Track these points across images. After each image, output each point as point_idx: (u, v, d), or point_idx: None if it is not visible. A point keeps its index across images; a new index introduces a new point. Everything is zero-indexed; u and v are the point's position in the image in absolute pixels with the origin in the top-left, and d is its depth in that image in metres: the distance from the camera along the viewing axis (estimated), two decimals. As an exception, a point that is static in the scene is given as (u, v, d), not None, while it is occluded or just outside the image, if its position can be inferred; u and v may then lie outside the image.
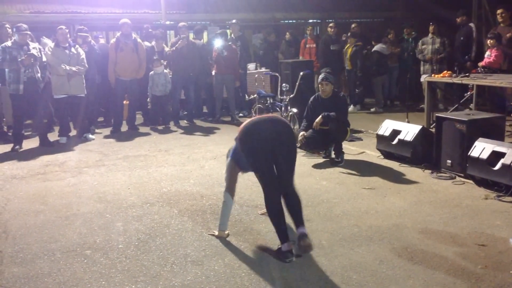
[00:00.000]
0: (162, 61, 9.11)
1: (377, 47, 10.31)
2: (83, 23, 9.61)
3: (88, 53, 8.14)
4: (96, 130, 8.75)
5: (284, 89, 7.68)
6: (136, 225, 4.38)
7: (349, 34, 10.71)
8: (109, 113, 9.66)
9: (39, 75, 7.42)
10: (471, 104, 7.63)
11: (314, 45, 11.22)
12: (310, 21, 13.19)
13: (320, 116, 6.15)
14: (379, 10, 13.52)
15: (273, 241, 3.95)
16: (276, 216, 3.67)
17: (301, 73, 7.90)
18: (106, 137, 8.47)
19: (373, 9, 13.41)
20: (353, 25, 10.98)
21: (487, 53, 8.27)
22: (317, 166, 6.26)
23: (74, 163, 6.68)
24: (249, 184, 5.51)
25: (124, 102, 9.01)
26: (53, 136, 8.15)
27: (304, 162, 6.44)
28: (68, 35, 7.90)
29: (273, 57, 11.46)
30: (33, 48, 7.42)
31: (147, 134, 8.65)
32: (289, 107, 7.51)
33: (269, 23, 12.99)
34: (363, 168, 6.11)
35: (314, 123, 6.17)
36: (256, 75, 9.89)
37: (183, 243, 3.98)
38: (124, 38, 8.61)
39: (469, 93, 8.03)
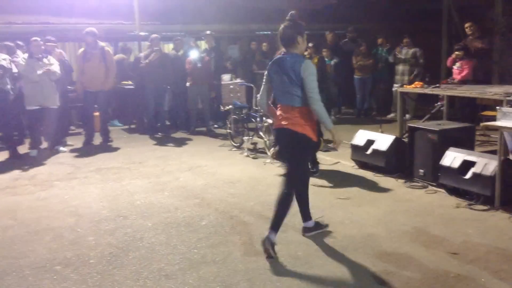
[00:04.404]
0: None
1: (336, 59, 10.57)
2: (55, 34, 9.45)
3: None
4: (68, 142, 8.59)
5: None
6: (109, 239, 4.30)
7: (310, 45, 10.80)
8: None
9: (8, 86, 7.28)
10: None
11: (289, 56, 11.27)
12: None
13: None
14: (352, 22, 13.70)
15: (248, 253, 3.92)
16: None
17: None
18: (78, 149, 8.32)
19: (346, 21, 13.59)
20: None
21: (457, 64, 8.47)
22: (292, 176, 6.26)
23: (45, 176, 6.53)
24: (224, 195, 5.49)
25: (95, 113, 8.87)
26: (23, 149, 7.96)
27: (279, 172, 6.44)
28: (43, 47, 7.79)
29: (249, 68, 11.53)
30: (3, 59, 7.28)
31: (120, 146, 8.52)
32: (264, 118, 7.53)
33: (245, 34, 13.04)
34: (338, 178, 6.14)
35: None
36: (231, 86, 9.89)
37: (156, 256, 3.92)
38: (91, 48, 8.46)
39: (439, 103, 8.18)
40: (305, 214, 4.27)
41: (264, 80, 4.13)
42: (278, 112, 4.01)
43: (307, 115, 3.88)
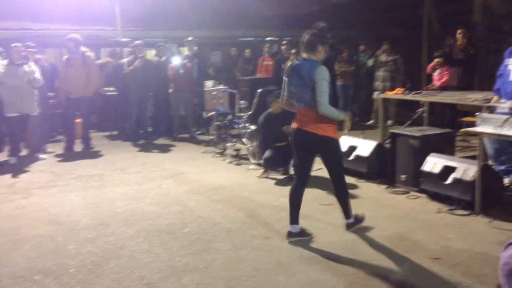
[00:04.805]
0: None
1: None
2: (36, 40, 9.34)
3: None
4: (48, 149, 8.47)
5: (242, 106, 7.70)
6: (89, 248, 4.23)
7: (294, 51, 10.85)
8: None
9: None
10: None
11: (271, 63, 11.34)
12: (268, 38, 13.33)
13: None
14: (334, 29, 13.82)
15: (231, 260, 3.90)
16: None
17: (259, 90, 7.95)
18: (58, 156, 8.21)
19: (328, 28, 13.69)
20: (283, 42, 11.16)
21: (437, 71, 8.58)
22: (277, 182, 6.27)
23: (24, 184, 6.42)
24: (207, 202, 5.46)
25: (77, 120, 8.78)
26: (2, 156, 7.83)
27: (263, 179, 6.44)
28: (24, 53, 7.68)
29: (232, 74, 11.53)
30: (-19, 65, 7.18)
31: (102, 153, 8.43)
32: (247, 124, 7.53)
33: (228, 40, 13.05)
34: (321, 184, 6.14)
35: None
36: (214, 92, 9.87)
37: (138, 265, 3.87)
38: (71, 53, 8.36)
39: (420, 109, 8.29)
40: (294, 217, 4.30)
41: (284, 84, 4.31)
42: (297, 114, 4.22)
43: (325, 117, 4.06)
